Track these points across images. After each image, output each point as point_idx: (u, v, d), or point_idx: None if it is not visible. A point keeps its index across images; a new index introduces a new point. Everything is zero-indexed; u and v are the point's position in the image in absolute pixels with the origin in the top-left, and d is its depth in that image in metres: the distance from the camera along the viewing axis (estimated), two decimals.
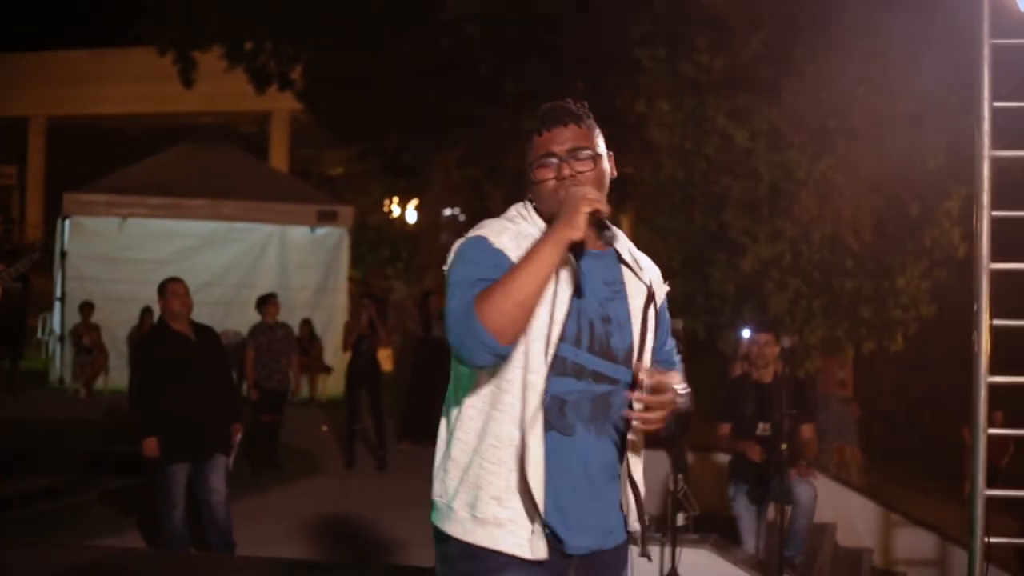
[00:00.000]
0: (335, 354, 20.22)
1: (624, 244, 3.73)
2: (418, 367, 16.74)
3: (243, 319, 17.03)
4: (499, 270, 3.39)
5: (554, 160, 3.64)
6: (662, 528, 9.05)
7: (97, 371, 19.65)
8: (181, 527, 9.11)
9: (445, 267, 3.55)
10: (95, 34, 35.62)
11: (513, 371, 3.46)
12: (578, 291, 3.54)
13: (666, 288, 3.87)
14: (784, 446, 9.02)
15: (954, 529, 11.83)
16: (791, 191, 15.22)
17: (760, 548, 9.86)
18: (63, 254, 19.85)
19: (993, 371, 5.41)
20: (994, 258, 5.46)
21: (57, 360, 20.47)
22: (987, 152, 5.46)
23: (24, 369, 20.30)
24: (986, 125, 5.46)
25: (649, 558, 4.02)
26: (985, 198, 5.47)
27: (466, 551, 3.53)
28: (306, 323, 19.87)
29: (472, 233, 3.59)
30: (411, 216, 37.42)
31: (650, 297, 3.71)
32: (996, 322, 5.42)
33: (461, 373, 3.59)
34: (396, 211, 37.50)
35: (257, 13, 23.28)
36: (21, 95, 42.28)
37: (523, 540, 3.47)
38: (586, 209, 3.40)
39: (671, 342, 3.95)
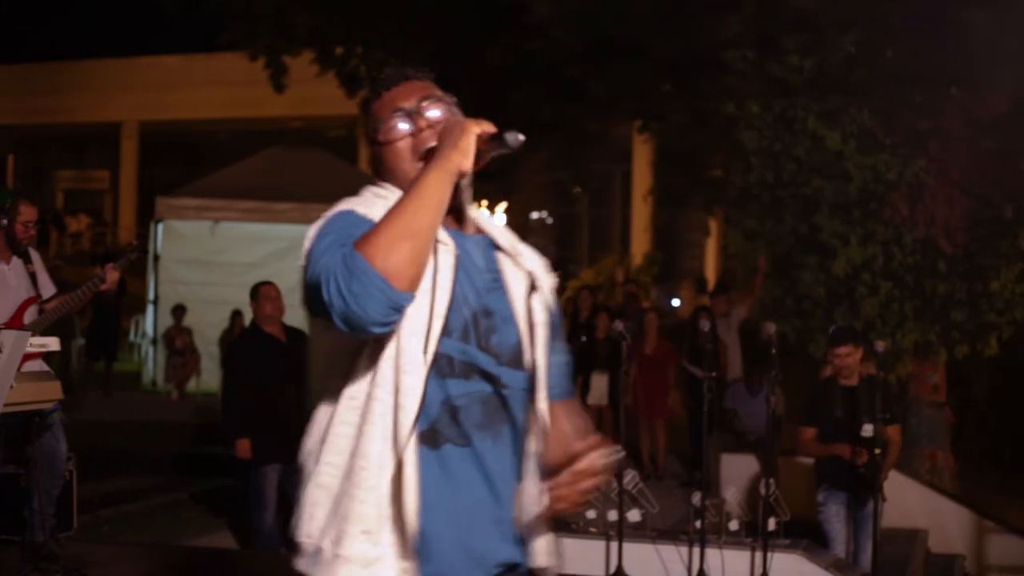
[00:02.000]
0: None
1: (498, 229, 3.23)
2: None
3: None
4: None
5: (403, 116, 3.09)
6: (753, 533, 9.01)
7: (189, 373, 19.87)
8: (272, 527, 9.18)
9: (302, 253, 2.94)
10: (185, 40, 35.97)
11: (384, 374, 2.85)
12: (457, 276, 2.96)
13: (552, 280, 3.22)
14: (878, 450, 8.93)
15: None
16: (882, 193, 15.09)
17: (850, 553, 9.76)
18: (156, 257, 20.07)
19: None
20: None
21: (150, 362, 20.71)
22: None
23: (117, 371, 20.57)
24: None
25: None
26: None
27: None
28: None
29: (331, 211, 3.00)
30: (499, 219, 37.49)
31: (532, 287, 3.11)
32: None
33: (329, 384, 2.96)
34: (485, 213, 37.58)
35: (347, 17, 23.42)
36: (113, 101, 42.85)
37: None
38: (475, 130, 2.89)
39: (562, 355, 3.24)
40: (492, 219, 3.24)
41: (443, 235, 2.93)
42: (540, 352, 3.06)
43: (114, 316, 19.55)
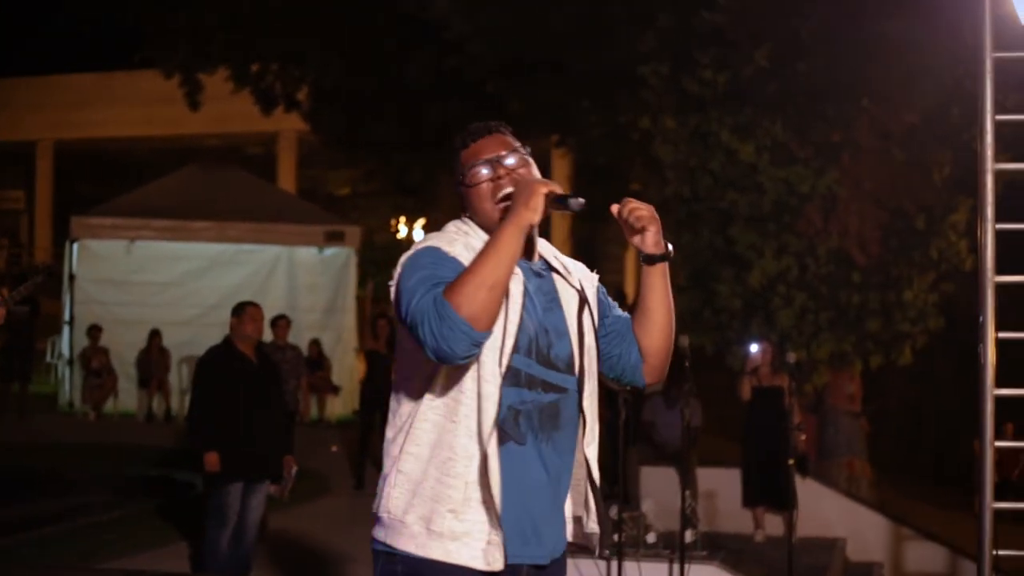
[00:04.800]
0: (343, 374, 20.22)
1: (549, 251, 3.76)
2: None
3: None
4: (457, 273, 3.37)
5: (486, 164, 3.64)
6: (671, 545, 9.05)
7: (106, 394, 19.66)
8: (227, 546, 9.11)
9: (391, 282, 3.53)
10: (101, 57, 35.70)
11: (467, 382, 3.45)
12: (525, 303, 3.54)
13: (595, 277, 3.84)
14: (792, 460, 9.00)
15: (965, 542, 11.81)
16: (796, 206, 15.24)
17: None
18: (71, 277, 19.86)
19: (1000, 383, 5.40)
20: (1000, 270, 5.45)
21: (66, 383, 20.46)
22: (990, 165, 5.45)
23: (33, 393, 20.32)
24: (989, 138, 5.44)
25: (607, 558, 4.02)
26: (989, 211, 5.46)
27: (415, 568, 3.48)
28: (315, 343, 19.88)
29: (420, 245, 3.58)
30: (418, 235, 37.49)
31: (583, 301, 3.68)
32: (1002, 335, 5.41)
33: (411, 385, 3.56)
34: (403, 230, 37.57)
35: (262, 35, 23.34)
36: (28, 119, 42.34)
37: (478, 552, 3.42)
38: (543, 191, 3.41)
39: (616, 311, 3.86)
40: (546, 244, 3.76)
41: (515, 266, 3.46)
42: (588, 359, 3.63)
43: (27, 337, 19.31)
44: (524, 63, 20.58)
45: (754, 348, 11.87)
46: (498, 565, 3.43)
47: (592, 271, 3.86)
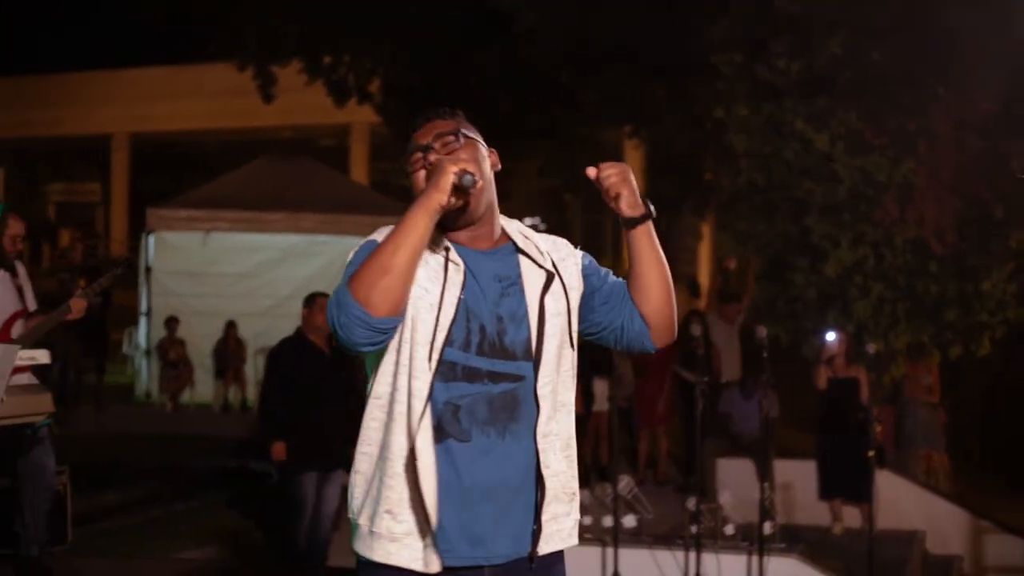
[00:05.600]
0: None
1: (517, 232, 3.60)
2: None
3: None
4: None
5: (414, 152, 3.55)
6: (749, 537, 8.99)
7: (182, 385, 19.81)
8: (306, 535, 9.16)
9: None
10: (174, 51, 35.96)
11: (401, 379, 3.35)
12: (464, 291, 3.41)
13: (578, 252, 3.65)
14: (871, 453, 8.92)
15: None
16: (872, 195, 15.10)
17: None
18: (148, 269, 20.02)
19: None
20: None
21: (143, 374, 20.64)
22: None
23: (110, 383, 20.52)
24: None
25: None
26: None
27: (365, 570, 3.45)
28: None
29: (365, 239, 3.48)
30: None
31: (548, 282, 3.49)
32: None
33: (369, 387, 3.48)
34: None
35: (335, 27, 23.41)
36: (103, 113, 42.82)
37: (418, 554, 3.33)
38: (453, 170, 3.29)
39: (610, 279, 3.67)
40: (517, 226, 3.63)
41: (455, 255, 3.42)
42: (549, 343, 3.44)
43: (101, 328, 19.48)
44: (596, 53, 20.53)
45: (830, 336, 11.74)
46: (434, 567, 3.33)
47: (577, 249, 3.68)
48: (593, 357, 14.66)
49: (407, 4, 22.60)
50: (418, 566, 3.33)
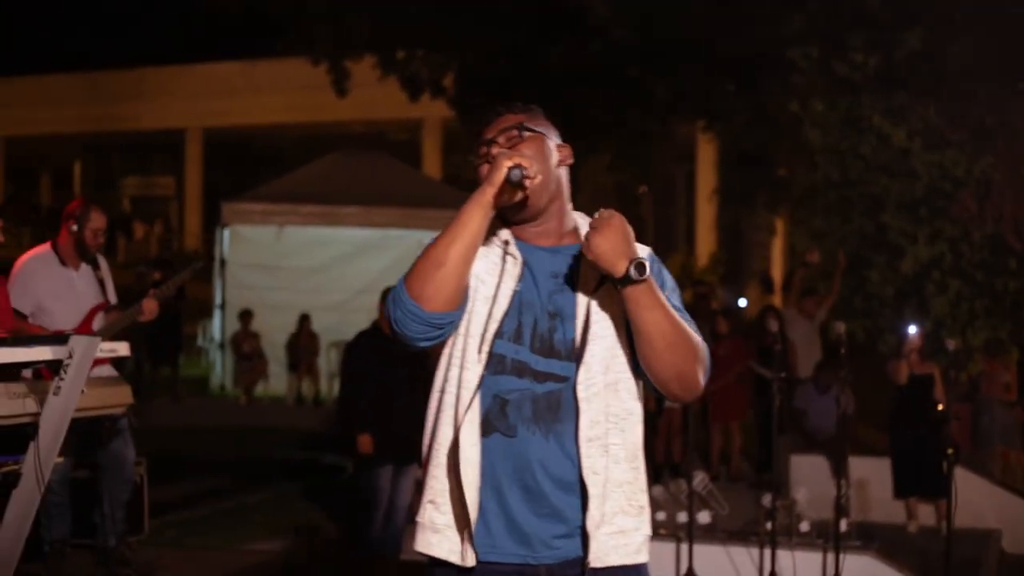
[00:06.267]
0: None
1: (584, 228, 3.43)
2: None
3: None
4: None
5: (484, 146, 3.50)
6: (824, 534, 8.93)
7: (257, 377, 19.94)
8: (381, 527, 9.19)
9: None
10: (247, 45, 36.18)
11: (452, 370, 3.34)
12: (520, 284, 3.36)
13: (647, 250, 3.42)
14: (951, 450, 8.82)
15: None
16: (950, 191, 14.97)
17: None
18: (222, 262, 20.16)
19: None
20: None
21: (218, 367, 20.79)
22: None
23: (185, 376, 20.68)
24: None
25: None
26: None
27: (422, 563, 3.41)
28: None
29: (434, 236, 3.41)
30: None
31: (601, 281, 3.34)
32: None
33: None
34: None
35: (409, 21, 23.47)
36: (177, 108, 43.15)
37: (456, 546, 3.29)
38: (506, 164, 3.24)
39: (672, 299, 3.40)
40: (581, 219, 3.55)
41: (514, 249, 3.39)
42: (594, 345, 3.34)
43: (175, 321, 19.66)
44: (668, 47, 20.46)
45: (912, 330, 11.59)
46: (469, 561, 3.28)
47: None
48: None
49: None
50: (455, 559, 3.30)
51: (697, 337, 3.35)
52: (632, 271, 3.19)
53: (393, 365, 9.22)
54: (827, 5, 16.09)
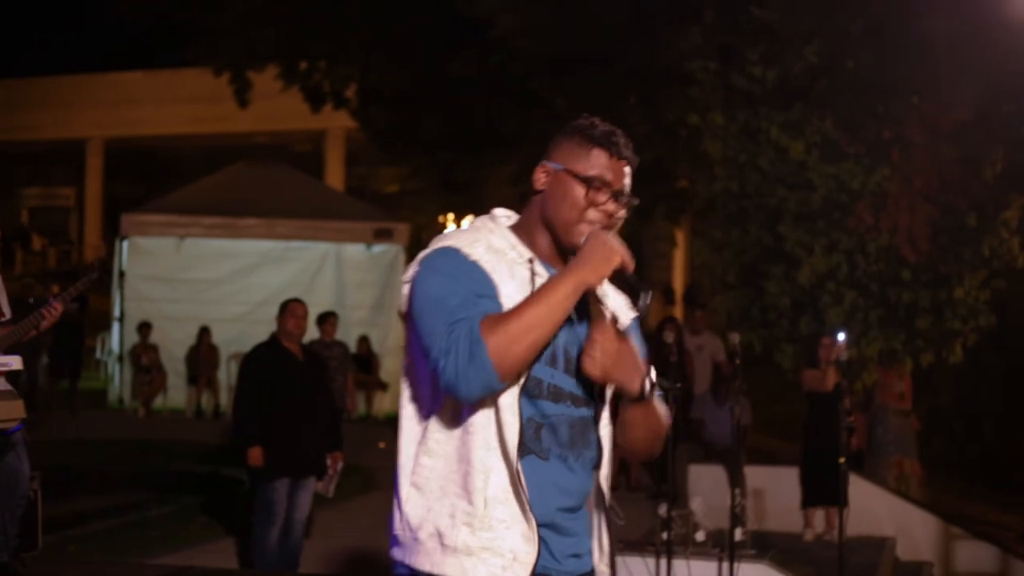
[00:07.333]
0: (392, 371, 20.25)
1: None
2: None
3: None
4: (478, 284, 3.18)
5: (604, 187, 3.38)
6: (720, 543, 9.00)
7: (156, 390, 19.78)
8: (276, 543, 9.14)
9: (406, 278, 3.30)
10: (149, 55, 35.92)
11: None
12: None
13: (632, 314, 3.48)
14: (842, 459, 8.94)
15: (1016, 542, 11.72)
16: (846, 203, 15.17)
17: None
18: (121, 274, 19.97)
19: None
20: None
21: (116, 380, 20.59)
22: None
23: (83, 389, 20.46)
24: None
25: None
26: None
27: None
28: (364, 340, 19.96)
29: (439, 243, 3.31)
30: None
31: (612, 323, 3.32)
32: None
33: (423, 392, 3.32)
34: (451, 227, 37.64)
35: (311, 33, 23.43)
36: (78, 117, 42.68)
37: (497, 569, 3.21)
38: (618, 261, 3.20)
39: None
40: None
41: (540, 269, 3.30)
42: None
43: (78, 334, 19.44)
44: (569, 60, 20.56)
45: (841, 336, 11.44)
46: None
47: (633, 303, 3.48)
48: None
49: (382, 11, 22.61)
50: None
51: (665, 413, 3.43)
52: (647, 389, 3.27)
53: (291, 377, 9.20)
54: (725, 19, 16.24)
